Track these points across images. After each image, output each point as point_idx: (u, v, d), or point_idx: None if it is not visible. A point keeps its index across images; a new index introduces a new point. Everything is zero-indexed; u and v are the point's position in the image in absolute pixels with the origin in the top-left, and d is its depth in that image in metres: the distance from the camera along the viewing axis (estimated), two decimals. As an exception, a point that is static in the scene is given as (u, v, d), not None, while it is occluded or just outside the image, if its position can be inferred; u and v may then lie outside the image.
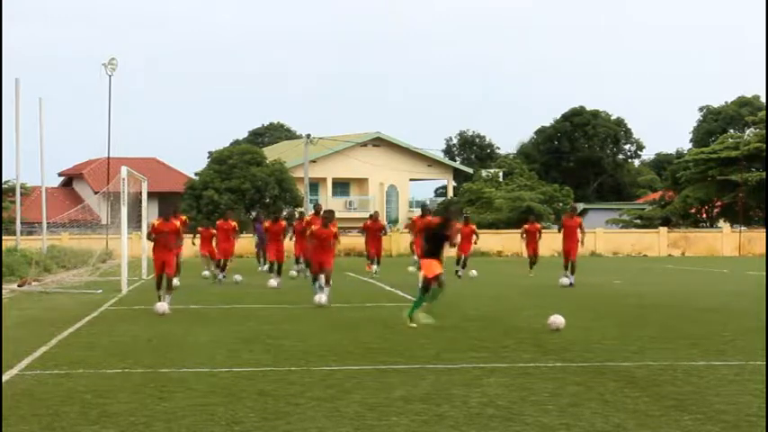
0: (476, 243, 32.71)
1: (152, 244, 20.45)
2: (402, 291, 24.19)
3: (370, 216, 32.74)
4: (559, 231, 27.35)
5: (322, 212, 25.33)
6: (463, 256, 31.52)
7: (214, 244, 29.70)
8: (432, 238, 16.76)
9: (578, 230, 26.72)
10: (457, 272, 30.63)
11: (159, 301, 19.34)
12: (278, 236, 27.17)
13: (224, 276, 28.72)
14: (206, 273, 30.46)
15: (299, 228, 28.39)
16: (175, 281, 22.05)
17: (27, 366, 12.09)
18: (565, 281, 26.11)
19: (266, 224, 29.06)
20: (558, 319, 15.42)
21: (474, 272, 31.38)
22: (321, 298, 20.06)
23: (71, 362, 12.38)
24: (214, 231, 29.91)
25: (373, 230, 31.36)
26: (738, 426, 8.65)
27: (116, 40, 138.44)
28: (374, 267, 31.55)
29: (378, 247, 31.54)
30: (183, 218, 28.67)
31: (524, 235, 32.24)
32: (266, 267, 30.47)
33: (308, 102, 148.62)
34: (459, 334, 15.22)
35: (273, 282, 26.11)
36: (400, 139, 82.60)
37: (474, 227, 32.89)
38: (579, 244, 26.69)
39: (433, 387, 10.49)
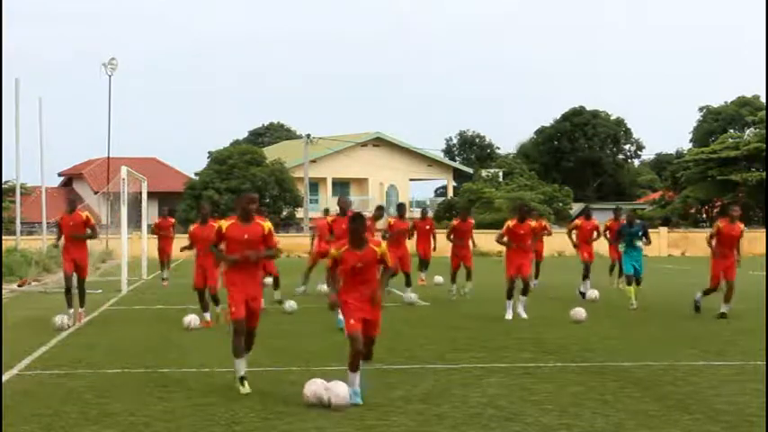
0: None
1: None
2: (400, 291, 24.14)
3: (423, 213, 26.00)
4: (710, 241, 18.36)
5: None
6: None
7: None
8: None
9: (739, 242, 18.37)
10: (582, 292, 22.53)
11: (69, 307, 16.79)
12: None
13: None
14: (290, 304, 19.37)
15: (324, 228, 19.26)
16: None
17: (27, 366, 12.10)
18: (725, 308, 17.81)
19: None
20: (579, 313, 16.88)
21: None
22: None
23: (71, 362, 12.38)
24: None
25: (423, 231, 24.10)
26: (738, 426, 8.65)
27: (116, 40, 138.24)
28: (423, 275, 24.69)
29: (427, 251, 24.26)
30: (172, 220, 28.44)
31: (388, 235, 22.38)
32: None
33: (308, 102, 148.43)
34: (459, 334, 15.22)
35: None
36: (400, 139, 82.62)
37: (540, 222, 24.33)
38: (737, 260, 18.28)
39: (433, 387, 10.49)
